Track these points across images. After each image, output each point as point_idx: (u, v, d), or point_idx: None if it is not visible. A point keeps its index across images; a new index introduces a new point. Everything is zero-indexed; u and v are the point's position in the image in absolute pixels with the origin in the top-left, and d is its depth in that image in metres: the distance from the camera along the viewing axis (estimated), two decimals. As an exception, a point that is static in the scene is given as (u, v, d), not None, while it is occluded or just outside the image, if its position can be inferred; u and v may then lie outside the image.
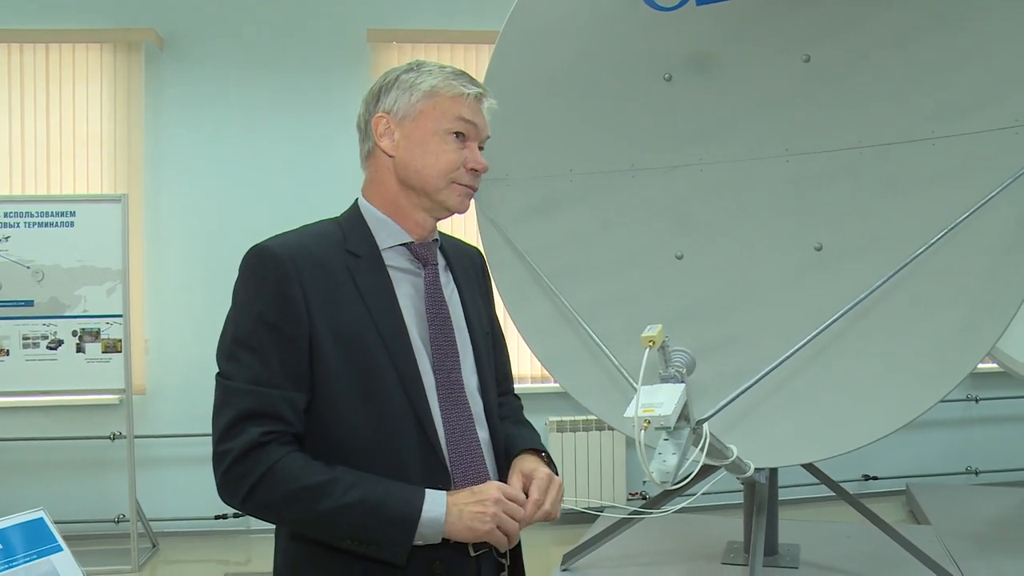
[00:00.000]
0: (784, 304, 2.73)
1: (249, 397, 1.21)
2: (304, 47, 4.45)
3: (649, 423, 1.39)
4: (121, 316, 3.96)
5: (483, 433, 1.39)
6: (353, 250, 1.33)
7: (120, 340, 3.96)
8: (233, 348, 1.25)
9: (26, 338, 3.94)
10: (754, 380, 2.08)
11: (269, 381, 1.22)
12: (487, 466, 1.37)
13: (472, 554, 1.31)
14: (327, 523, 1.22)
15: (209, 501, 4.30)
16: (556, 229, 2.96)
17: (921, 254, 2.32)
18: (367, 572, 1.25)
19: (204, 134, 4.41)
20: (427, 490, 1.25)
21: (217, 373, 1.27)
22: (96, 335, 3.97)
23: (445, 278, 1.44)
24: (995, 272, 2.42)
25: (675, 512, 1.96)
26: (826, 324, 2.22)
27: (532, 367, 4.59)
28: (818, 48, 2.67)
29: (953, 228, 2.32)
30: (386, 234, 1.37)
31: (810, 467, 2.90)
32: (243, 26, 4.42)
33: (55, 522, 1.31)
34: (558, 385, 2.98)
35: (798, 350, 2.19)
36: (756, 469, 2.32)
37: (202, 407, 4.52)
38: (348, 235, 1.35)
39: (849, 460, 3.11)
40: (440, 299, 1.38)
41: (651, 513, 2.81)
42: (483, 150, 1.40)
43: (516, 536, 1.27)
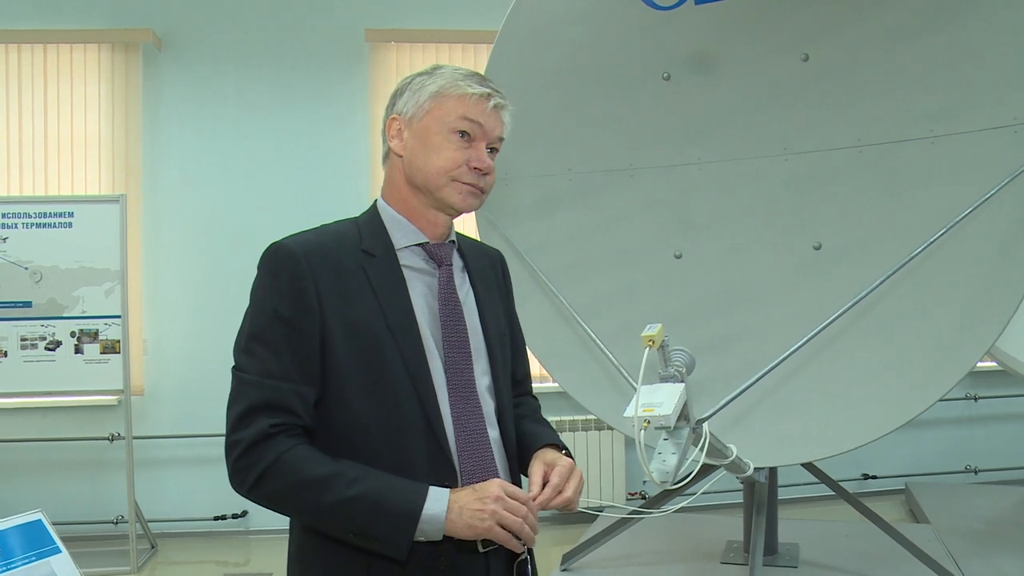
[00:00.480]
0: (783, 303, 2.73)
1: (260, 390, 1.24)
2: (302, 47, 4.44)
3: (649, 423, 1.39)
4: (119, 317, 3.95)
5: (494, 432, 1.40)
6: (368, 249, 1.34)
7: (118, 341, 3.95)
8: (248, 342, 1.27)
9: (24, 339, 3.93)
10: (753, 379, 2.08)
11: (280, 375, 1.24)
12: (496, 465, 1.37)
13: (481, 550, 1.31)
14: (330, 516, 1.23)
15: (208, 502, 4.30)
16: (555, 228, 2.96)
17: (920, 253, 2.32)
18: (371, 564, 1.26)
19: (202, 134, 4.40)
20: (431, 487, 1.25)
21: (233, 366, 1.29)
22: (94, 336, 3.96)
23: (461, 279, 1.44)
24: (994, 270, 2.42)
25: (675, 512, 1.95)
26: (825, 323, 2.22)
27: (531, 366, 4.57)
28: (817, 47, 2.67)
29: (952, 226, 2.32)
30: (401, 234, 1.38)
31: (809, 466, 2.90)
32: (241, 26, 4.41)
33: (53, 523, 1.30)
34: (557, 384, 2.98)
35: (797, 349, 2.19)
36: (756, 468, 2.32)
37: (201, 408, 4.48)
38: (365, 235, 1.37)
39: (848, 459, 3.11)
40: (453, 299, 1.39)
41: (651, 513, 2.80)
42: (497, 151, 1.41)
43: (526, 533, 1.25)
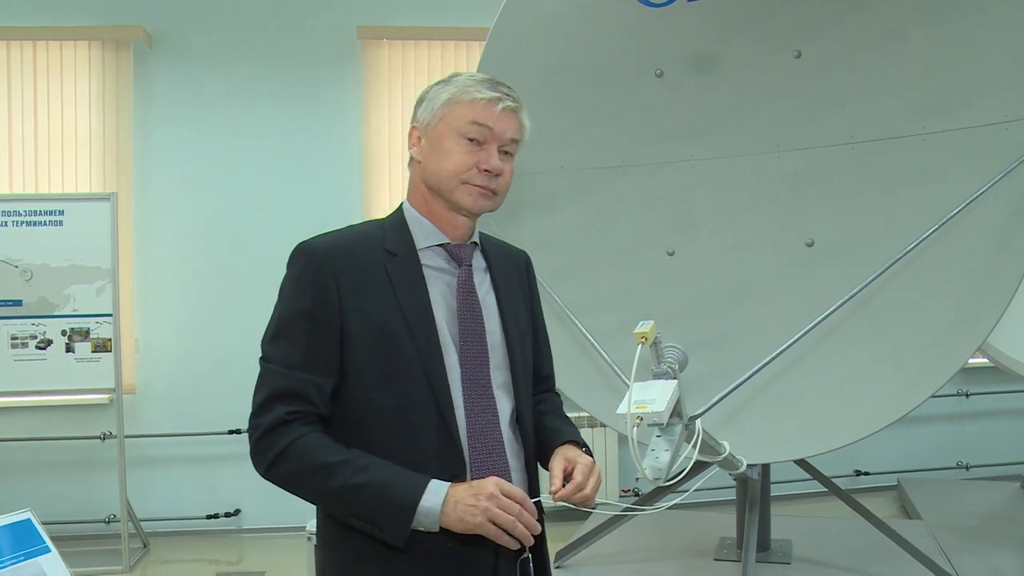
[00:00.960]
0: (776, 300, 2.74)
1: (280, 379, 1.32)
2: (294, 44, 4.42)
3: (642, 420, 1.39)
4: (111, 315, 3.92)
5: (507, 429, 1.43)
6: (391, 249, 1.40)
7: (110, 339, 3.93)
8: (274, 334, 1.36)
9: (15, 338, 3.90)
10: (746, 376, 2.08)
11: (300, 365, 1.32)
12: (508, 461, 1.40)
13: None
14: (335, 500, 1.30)
15: (200, 500, 4.29)
16: (547, 225, 2.96)
17: (912, 249, 2.33)
18: (378, 548, 1.29)
19: (193, 132, 4.37)
20: (432, 480, 1.29)
21: (260, 356, 1.37)
22: (85, 334, 3.94)
23: (482, 278, 1.49)
24: (986, 267, 2.43)
25: (668, 509, 1.95)
26: (818, 320, 2.23)
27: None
28: (809, 44, 2.67)
29: (944, 223, 2.33)
30: (423, 235, 1.44)
31: (802, 463, 2.91)
32: (233, 23, 4.39)
33: (45, 523, 1.31)
34: (550, 382, 2.97)
35: (790, 346, 2.20)
36: (748, 465, 2.32)
37: (193, 406, 4.45)
38: (388, 235, 1.43)
39: (841, 455, 3.12)
40: (472, 297, 1.44)
41: (644, 510, 2.82)
42: (511, 154, 1.45)
43: (519, 531, 1.26)
